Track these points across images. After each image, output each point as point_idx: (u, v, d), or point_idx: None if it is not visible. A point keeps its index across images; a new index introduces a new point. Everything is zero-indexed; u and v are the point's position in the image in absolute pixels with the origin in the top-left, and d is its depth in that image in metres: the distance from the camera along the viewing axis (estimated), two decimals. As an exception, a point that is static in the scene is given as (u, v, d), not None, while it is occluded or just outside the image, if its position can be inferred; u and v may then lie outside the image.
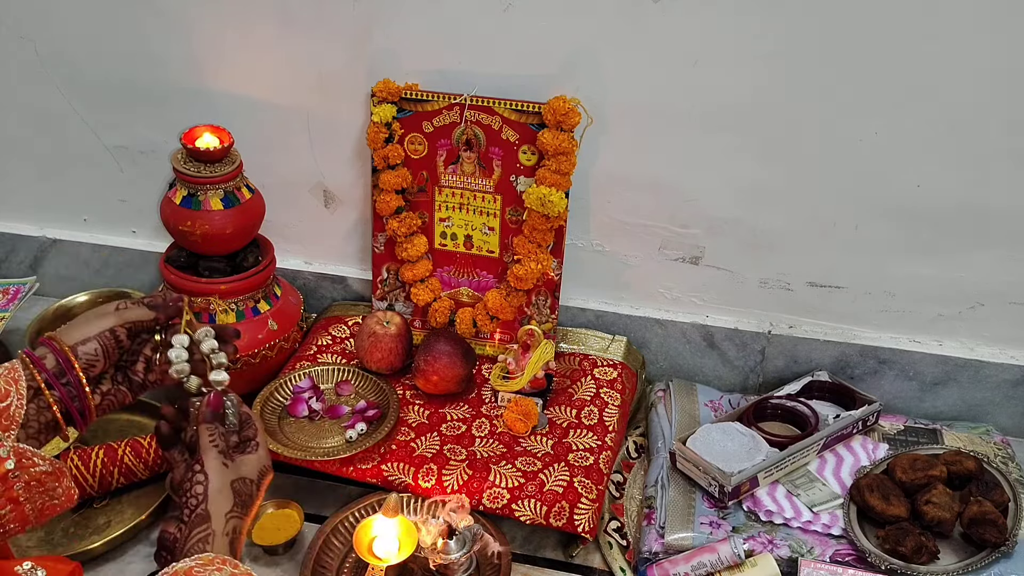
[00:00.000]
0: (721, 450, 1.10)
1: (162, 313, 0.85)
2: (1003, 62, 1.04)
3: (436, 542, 1.00)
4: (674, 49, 1.12)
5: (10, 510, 0.72)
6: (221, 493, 0.78)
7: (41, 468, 0.74)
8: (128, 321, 0.83)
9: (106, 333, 0.81)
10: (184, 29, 1.26)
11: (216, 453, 0.80)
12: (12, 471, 0.71)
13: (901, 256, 1.20)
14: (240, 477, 0.80)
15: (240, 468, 0.81)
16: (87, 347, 0.80)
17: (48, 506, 0.75)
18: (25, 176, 1.47)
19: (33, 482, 0.73)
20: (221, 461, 0.79)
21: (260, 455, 0.84)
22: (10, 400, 0.75)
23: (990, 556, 1.00)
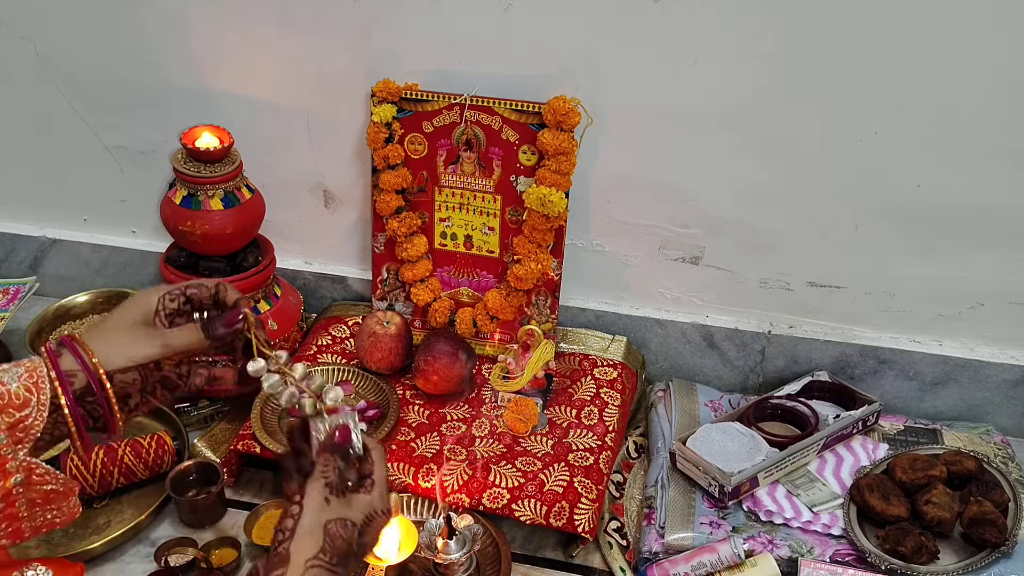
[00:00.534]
0: (721, 450, 1.10)
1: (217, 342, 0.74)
2: (1003, 62, 1.04)
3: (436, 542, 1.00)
4: (674, 49, 1.12)
5: (6, 527, 0.67)
6: (311, 534, 0.66)
7: (51, 487, 0.68)
8: (176, 351, 0.73)
9: (150, 365, 0.72)
10: (184, 29, 1.26)
11: (322, 485, 0.68)
12: (17, 487, 0.66)
13: (901, 256, 1.20)
14: (340, 518, 0.68)
15: (345, 508, 0.68)
16: (126, 376, 0.71)
17: (47, 523, 0.71)
18: (25, 176, 1.47)
19: (39, 499, 0.68)
20: (324, 495, 0.68)
21: (373, 497, 0.71)
22: (29, 411, 0.66)
23: (990, 556, 1.00)
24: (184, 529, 1.11)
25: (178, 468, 1.12)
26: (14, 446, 0.65)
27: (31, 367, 0.68)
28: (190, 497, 1.11)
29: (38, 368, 0.68)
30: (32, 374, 0.67)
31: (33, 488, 0.67)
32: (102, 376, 0.69)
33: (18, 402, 0.66)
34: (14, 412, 0.65)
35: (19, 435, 0.66)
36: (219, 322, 0.74)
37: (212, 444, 1.20)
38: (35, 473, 0.67)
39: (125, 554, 1.08)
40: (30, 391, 0.67)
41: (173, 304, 0.74)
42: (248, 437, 1.15)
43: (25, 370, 0.68)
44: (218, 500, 1.12)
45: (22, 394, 0.66)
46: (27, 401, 0.66)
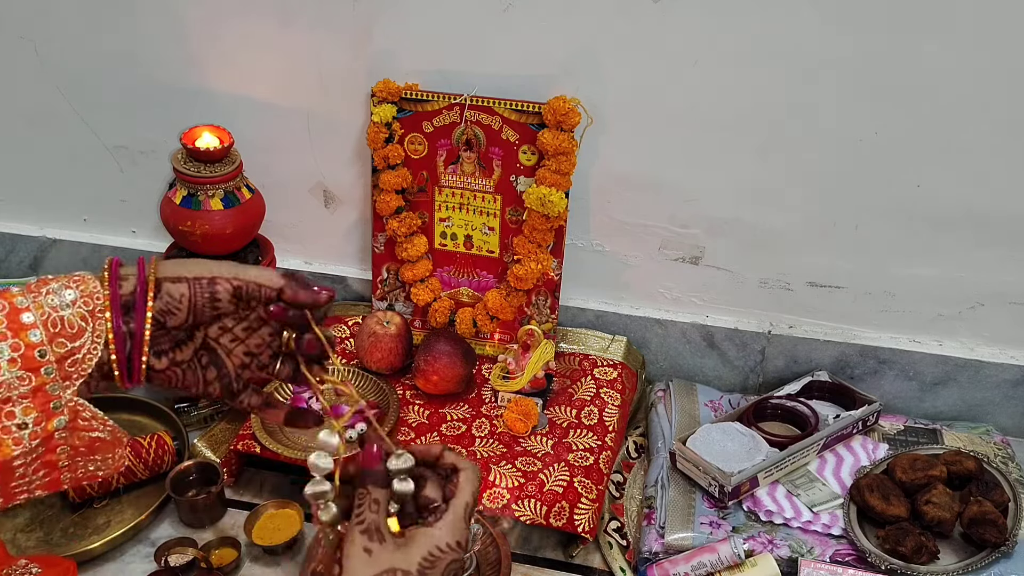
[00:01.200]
0: (721, 450, 1.10)
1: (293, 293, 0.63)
2: (1003, 62, 1.04)
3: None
4: (674, 49, 1.12)
5: (44, 475, 0.59)
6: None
7: (97, 434, 0.60)
8: (241, 279, 0.62)
9: (204, 280, 0.61)
10: (184, 29, 1.26)
11: (358, 534, 0.57)
12: (60, 430, 0.58)
13: (901, 256, 1.20)
14: (387, 570, 0.56)
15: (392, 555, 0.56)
16: (174, 287, 0.61)
17: (88, 475, 0.62)
18: (25, 176, 1.47)
19: (82, 447, 0.60)
20: (363, 546, 0.56)
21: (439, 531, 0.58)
22: (83, 341, 0.58)
23: (990, 556, 1.00)
24: (184, 529, 1.11)
25: (178, 468, 1.12)
26: (62, 382, 0.57)
27: (86, 291, 0.59)
28: (190, 497, 1.11)
29: (95, 294, 0.59)
30: (88, 300, 0.59)
31: (77, 434, 0.59)
32: (151, 280, 0.60)
33: (71, 331, 0.57)
34: (66, 343, 0.57)
35: (68, 370, 0.58)
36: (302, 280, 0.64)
37: (212, 444, 1.20)
38: (81, 416, 0.59)
39: (125, 554, 1.08)
40: (85, 320, 0.58)
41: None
42: (248, 437, 1.15)
43: (80, 294, 0.58)
44: (218, 500, 1.12)
45: (76, 323, 0.58)
46: (81, 331, 0.58)
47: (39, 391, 0.57)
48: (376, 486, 0.59)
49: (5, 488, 0.58)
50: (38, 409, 0.57)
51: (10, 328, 0.56)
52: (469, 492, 0.61)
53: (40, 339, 0.57)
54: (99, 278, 0.60)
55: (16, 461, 0.57)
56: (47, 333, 0.57)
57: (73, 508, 1.12)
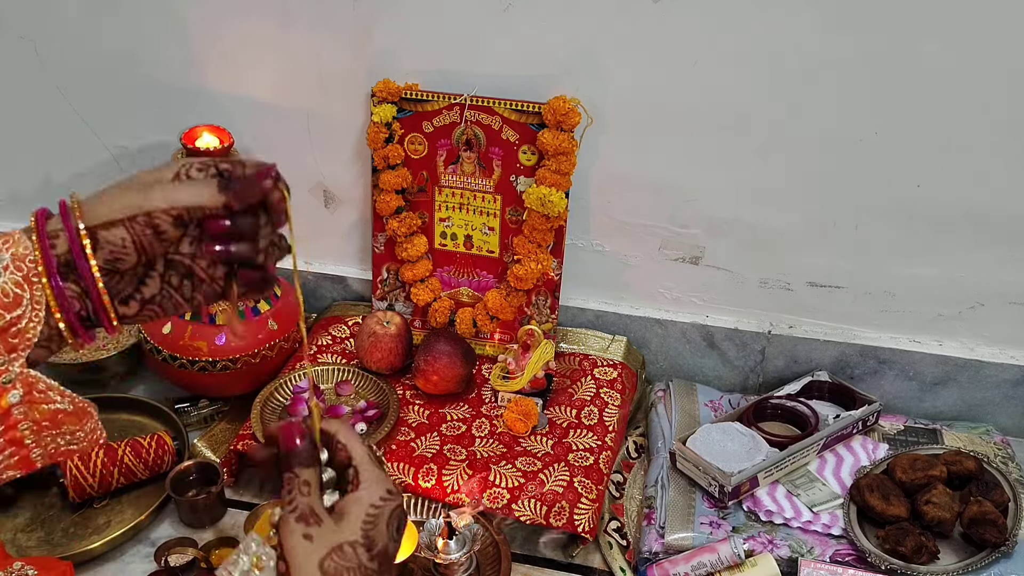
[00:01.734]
0: (721, 450, 1.10)
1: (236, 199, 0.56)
2: (1003, 62, 1.04)
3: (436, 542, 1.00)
4: (674, 49, 1.12)
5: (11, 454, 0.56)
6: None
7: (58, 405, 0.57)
8: (177, 206, 0.55)
9: (139, 219, 0.54)
10: (184, 29, 1.26)
11: (294, 523, 0.54)
12: (16, 405, 0.55)
13: (901, 256, 1.20)
14: (336, 547, 0.54)
15: (335, 532, 0.55)
16: (111, 234, 0.54)
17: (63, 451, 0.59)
18: (25, 176, 1.47)
19: (45, 421, 0.57)
20: (302, 533, 0.54)
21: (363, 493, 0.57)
22: (22, 310, 0.53)
23: (990, 556, 1.00)
24: (184, 529, 1.11)
25: (178, 468, 1.12)
26: (7, 355, 0.53)
27: (17, 255, 0.54)
28: (190, 497, 1.11)
29: (27, 256, 0.54)
30: (20, 264, 0.53)
31: (37, 407, 0.56)
32: (82, 233, 0.54)
33: (7, 301, 0.53)
34: (4, 313, 0.53)
35: (12, 341, 0.53)
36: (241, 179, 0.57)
37: (212, 444, 1.20)
38: (36, 389, 0.55)
39: (125, 554, 1.08)
40: (21, 286, 0.53)
41: (200, 174, 0.57)
42: (248, 437, 1.15)
43: (11, 257, 0.53)
44: (218, 500, 1.12)
45: (11, 290, 0.53)
46: (18, 299, 0.53)
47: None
48: (303, 466, 0.57)
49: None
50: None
51: None
52: (356, 444, 0.59)
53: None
54: (28, 234, 0.55)
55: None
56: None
57: (73, 508, 1.12)
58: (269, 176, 0.57)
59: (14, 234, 0.55)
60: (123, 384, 1.34)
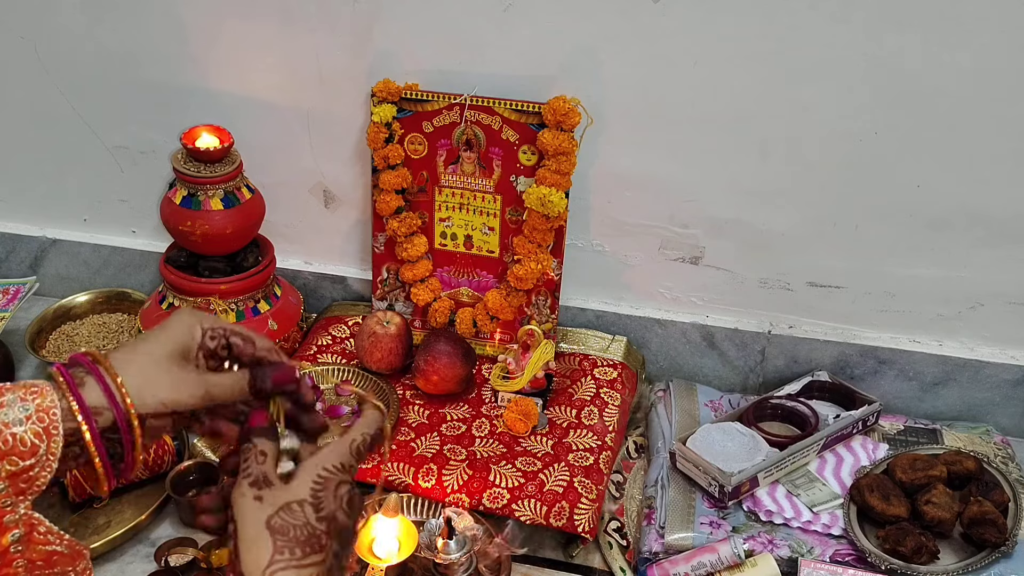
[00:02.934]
0: (721, 450, 1.10)
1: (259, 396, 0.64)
2: (1003, 62, 1.04)
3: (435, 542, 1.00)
4: (674, 49, 1.12)
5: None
6: (254, 542, 0.55)
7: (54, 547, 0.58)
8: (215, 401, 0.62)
9: (186, 414, 0.62)
10: (184, 29, 1.26)
11: (247, 487, 0.57)
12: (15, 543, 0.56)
13: (901, 256, 1.20)
14: (284, 505, 0.56)
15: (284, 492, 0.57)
16: (159, 422, 0.60)
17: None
18: (25, 176, 1.47)
19: (40, 561, 0.58)
20: (253, 495, 0.57)
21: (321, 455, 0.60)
22: (36, 458, 0.55)
23: (990, 556, 1.00)
24: (184, 529, 1.11)
25: (178, 468, 1.12)
26: (15, 497, 0.55)
27: (41, 406, 0.56)
28: (190, 497, 1.11)
29: (50, 410, 0.56)
30: (43, 417, 0.56)
31: (34, 548, 0.57)
32: (133, 419, 0.58)
33: (23, 449, 0.55)
34: (18, 460, 0.55)
35: (22, 486, 0.55)
36: (269, 375, 0.63)
37: (212, 444, 1.20)
38: (37, 531, 0.57)
39: (125, 554, 1.08)
40: (39, 437, 0.55)
41: (212, 344, 0.64)
42: (248, 437, 1.15)
43: (35, 410, 0.56)
44: (218, 500, 1.12)
45: (29, 440, 0.55)
46: (35, 449, 0.55)
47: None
48: (264, 438, 0.60)
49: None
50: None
51: None
52: (359, 432, 0.62)
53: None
54: (55, 388, 0.57)
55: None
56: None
57: (73, 508, 1.11)
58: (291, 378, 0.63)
59: (42, 386, 0.57)
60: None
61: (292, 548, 0.55)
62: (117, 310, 1.44)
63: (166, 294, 1.25)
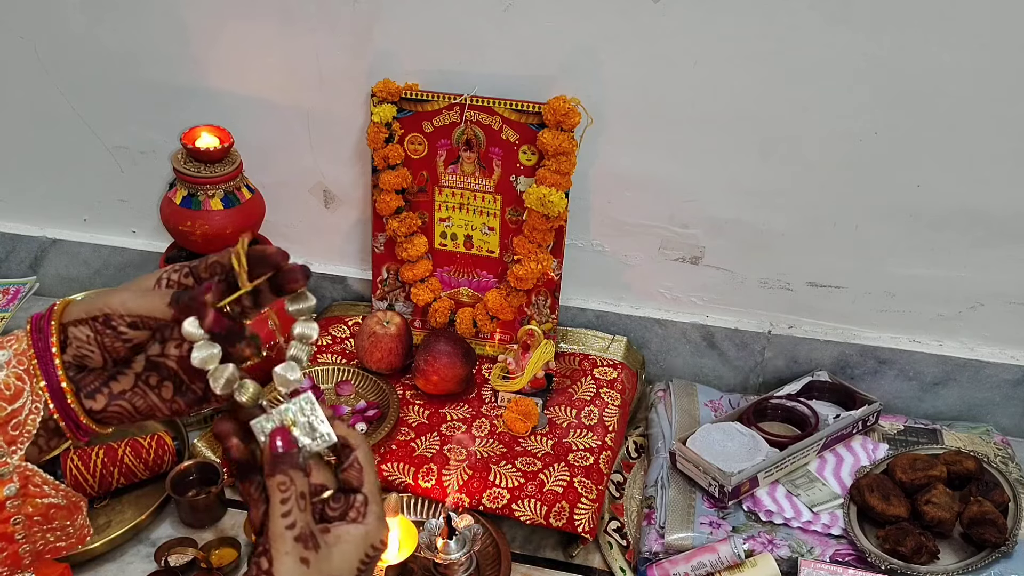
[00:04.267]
0: (721, 450, 1.10)
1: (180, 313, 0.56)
2: (1003, 62, 1.04)
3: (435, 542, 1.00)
4: (674, 49, 1.12)
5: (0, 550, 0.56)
6: None
7: (51, 500, 0.57)
8: (131, 313, 0.56)
9: (99, 319, 0.56)
10: (184, 29, 1.26)
11: (292, 543, 0.52)
12: (12, 498, 0.55)
13: (901, 256, 1.20)
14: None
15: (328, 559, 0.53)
16: (79, 330, 0.56)
17: (51, 547, 0.59)
18: (25, 176, 1.47)
19: (37, 516, 0.57)
20: (299, 556, 0.51)
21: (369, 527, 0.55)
22: (22, 402, 0.54)
23: (990, 556, 1.00)
24: (184, 529, 1.11)
25: (178, 468, 1.12)
26: (7, 447, 0.54)
27: (19, 350, 0.55)
28: (190, 497, 1.11)
29: (27, 352, 0.55)
30: (22, 359, 0.55)
31: (31, 501, 0.56)
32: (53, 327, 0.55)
33: (8, 393, 0.54)
34: (5, 405, 0.54)
35: (12, 433, 0.54)
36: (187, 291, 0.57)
37: (212, 444, 1.20)
38: (32, 482, 0.55)
39: (125, 554, 1.08)
40: (22, 379, 0.54)
41: (175, 276, 0.59)
42: (248, 437, 1.15)
43: (13, 354, 0.55)
44: (218, 500, 1.12)
45: (12, 383, 0.54)
46: (19, 391, 0.54)
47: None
48: (296, 470, 0.53)
49: None
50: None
51: None
52: (373, 473, 0.57)
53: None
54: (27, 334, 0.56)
55: None
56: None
57: (73, 508, 1.11)
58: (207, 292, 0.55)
59: (17, 334, 0.57)
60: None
61: None
62: (117, 310, 1.44)
63: (166, 294, 1.25)
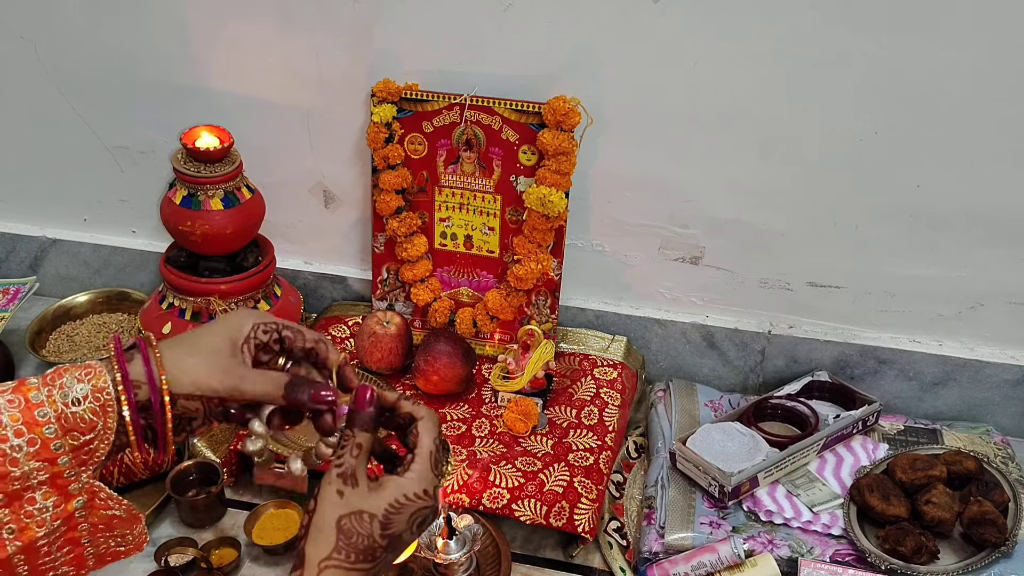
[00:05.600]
0: (721, 450, 1.10)
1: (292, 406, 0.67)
2: (1003, 62, 1.04)
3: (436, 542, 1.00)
4: (674, 49, 1.12)
5: (68, 552, 0.63)
6: (322, 532, 0.60)
7: (114, 512, 0.64)
8: (246, 397, 0.65)
9: (215, 400, 0.65)
10: (184, 29, 1.26)
11: (334, 476, 0.61)
12: (79, 510, 0.62)
13: (901, 256, 1.20)
14: (355, 512, 0.60)
15: (364, 498, 0.61)
16: (190, 403, 0.64)
17: (112, 552, 0.66)
18: (25, 176, 1.47)
19: (101, 524, 0.64)
20: (337, 488, 0.61)
21: (406, 480, 0.62)
22: (95, 434, 0.61)
23: (990, 556, 1.00)
24: (184, 529, 1.11)
25: (178, 468, 1.12)
26: (77, 468, 0.61)
27: (97, 386, 0.62)
28: (190, 497, 1.11)
29: (106, 390, 0.62)
30: (99, 395, 0.62)
31: (96, 513, 0.63)
32: (165, 396, 0.63)
33: (83, 426, 0.61)
34: (79, 436, 0.61)
35: (83, 458, 0.61)
36: (305, 390, 0.66)
37: (212, 444, 1.20)
38: (98, 497, 0.63)
39: (125, 554, 1.08)
40: (96, 415, 0.61)
41: (265, 338, 0.68)
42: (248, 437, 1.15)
43: (92, 389, 0.61)
44: (218, 500, 1.12)
45: (88, 418, 0.61)
46: (93, 425, 0.61)
47: (57, 478, 0.61)
48: (362, 430, 0.63)
49: (33, 567, 0.62)
50: (57, 493, 0.61)
51: (26, 424, 0.59)
52: (429, 439, 0.64)
53: (55, 433, 0.60)
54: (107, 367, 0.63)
55: (40, 541, 0.61)
56: (61, 428, 0.60)
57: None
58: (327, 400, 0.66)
59: (95, 367, 0.63)
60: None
61: (348, 552, 0.60)
62: (117, 310, 1.44)
63: (166, 294, 1.25)
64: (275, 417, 0.69)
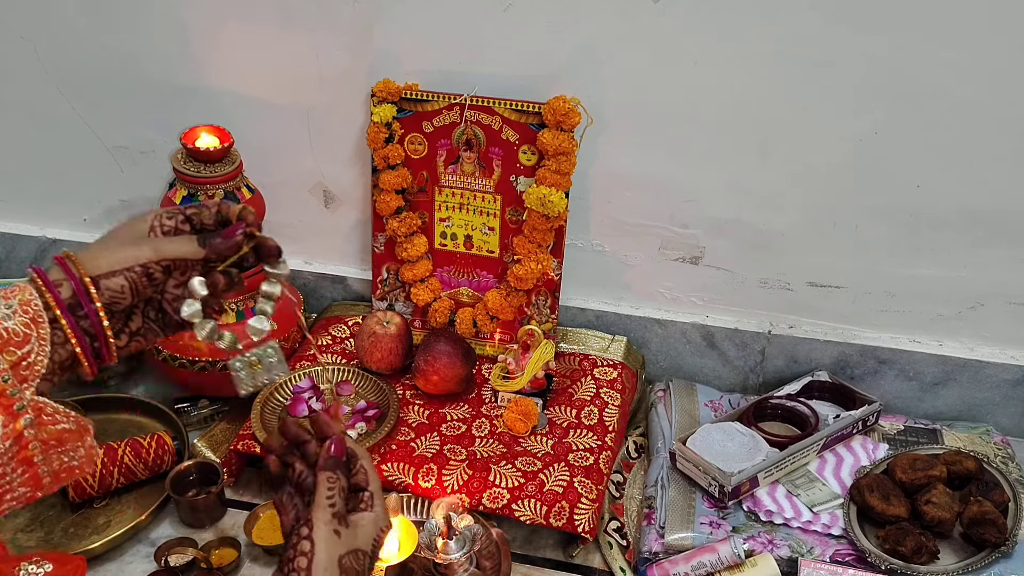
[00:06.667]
0: (721, 450, 1.10)
1: (213, 253, 0.68)
2: (1003, 62, 1.04)
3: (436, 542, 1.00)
4: (674, 49, 1.12)
5: (22, 472, 0.63)
6: (328, 571, 0.63)
7: (63, 425, 0.64)
8: (166, 257, 0.67)
9: (136, 269, 0.66)
10: (184, 29, 1.26)
11: (330, 517, 0.65)
12: (28, 428, 0.62)
13: (901, 256, 1.20)
14: (353, 550, 0.65)
15: (355, 537, 0.66)
16: (112, 282, 0.65)
17: (65, 468, 0.66)
18: (25, 176, 1.47)
19: (52, 440, 0.64)
20: (333, 528, 0.65)
21: (376, 514, 0.68)
22: (30, 347, 0.62)
23: (990, 556, 1.00)
24: (184, 529, 1.11)
25: (178, 468, 1.12)
26: (19, 385, 0.61)
27: (24, 301, 0.63)
28: (190, 497, 1.11)
29: (32, 301, 0.63)
30: (27, 308, 0.62)
31: (44, 428, 0.63)
32: (87, 282, 0.64)
33: (18, 339, 0.61)
34: (15, 350, 0.61)
35: (23, 373, 0.62)
36: (217, 233, 0.68)
37: (212, 444, 1.20)
38: (44, 412, 0.63)
39: (125, 554, 1.08)
40: (29, 327, 0.62)
41: (170, 222, 0.70)
42: (248, 437, 1.15)
43: (19, 303, 0.62)
44: (218, 500, 1.12)
45: (21, 330, 0.62)
46: (27, 337, 0.62)
47: (1, 396, 0.61)
48: (342, 473, 0.68)
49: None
50: (3, 412, 0.61)
51: None
52: (374, 472, 0.70)
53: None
54: (32, 286, 0.64)
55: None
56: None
57: (73, 508, 1.12)
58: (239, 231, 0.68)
59: (18, 284, 0.64)
60: (123, 384, 1.34)
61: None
62: (117, 310, 1.44)
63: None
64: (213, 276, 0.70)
